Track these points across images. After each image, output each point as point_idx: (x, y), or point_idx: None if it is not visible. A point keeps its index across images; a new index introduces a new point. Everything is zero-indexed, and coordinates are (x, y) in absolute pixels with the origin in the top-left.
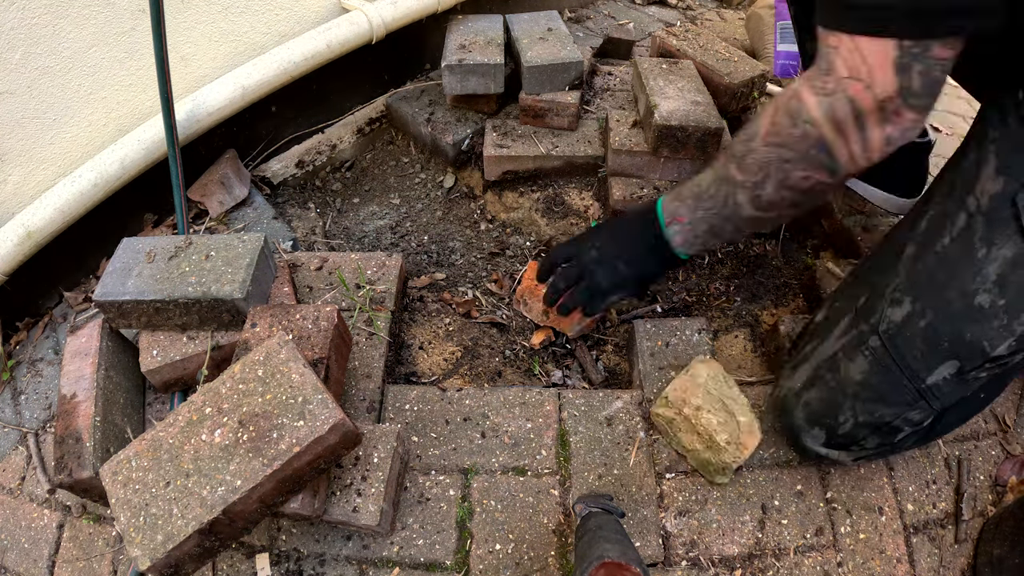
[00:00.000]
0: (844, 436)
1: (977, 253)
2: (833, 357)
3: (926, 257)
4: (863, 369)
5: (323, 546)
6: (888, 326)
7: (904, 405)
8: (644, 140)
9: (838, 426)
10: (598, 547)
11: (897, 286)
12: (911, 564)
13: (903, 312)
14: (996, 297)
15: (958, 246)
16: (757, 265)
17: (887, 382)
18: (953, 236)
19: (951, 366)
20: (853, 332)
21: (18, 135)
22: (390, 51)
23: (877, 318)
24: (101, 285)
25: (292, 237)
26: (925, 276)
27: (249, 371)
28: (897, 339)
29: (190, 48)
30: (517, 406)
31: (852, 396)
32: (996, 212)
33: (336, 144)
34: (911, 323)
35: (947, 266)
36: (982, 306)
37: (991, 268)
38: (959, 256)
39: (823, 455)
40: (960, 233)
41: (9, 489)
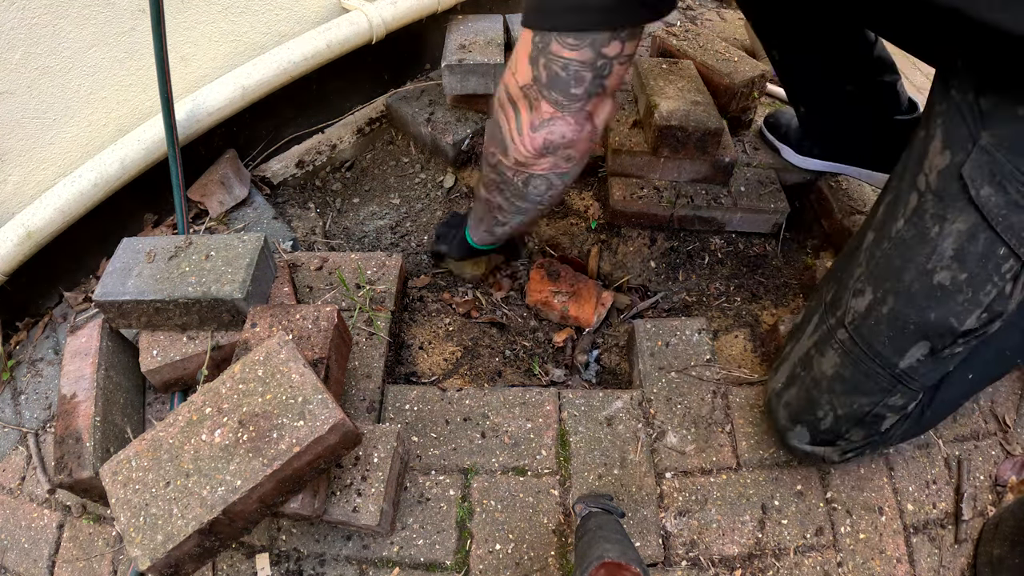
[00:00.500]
0: (827, 431)
1: (930, 231)
2: (807, 355)
3: (882, 243)
4: (834, 363)
5: (323, 546)
6: (853, 317)
7: (881, 392)
8: (644, 140)
9: (818, 422)
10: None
11: (858, 276)
12: (911, 564)
13: (865, 301)
14: (956, 272)
15: (911, 228)
16: (757, 265)
17: (859, 372)
18: (906, 218)
19: (922, 347)
20: (823, 328)
21: (18, 135)
22: (390, 51)
23: (842, 311)
24: (101, 285)
25: (292, 237)
26: (883, 262)
27: (249, 371)
28: (863, 328)
29: (190, 48)
30: (517, 406)
31: (827, 391)
32: (945, 187)
33: (336, 144)
34: (874, 311)
35: (902, 249)
36: (943, 284)
37: (946, 244)
38: (912, 237)
39: (809, 453)
40: (912, 214)
41: (9, 489)
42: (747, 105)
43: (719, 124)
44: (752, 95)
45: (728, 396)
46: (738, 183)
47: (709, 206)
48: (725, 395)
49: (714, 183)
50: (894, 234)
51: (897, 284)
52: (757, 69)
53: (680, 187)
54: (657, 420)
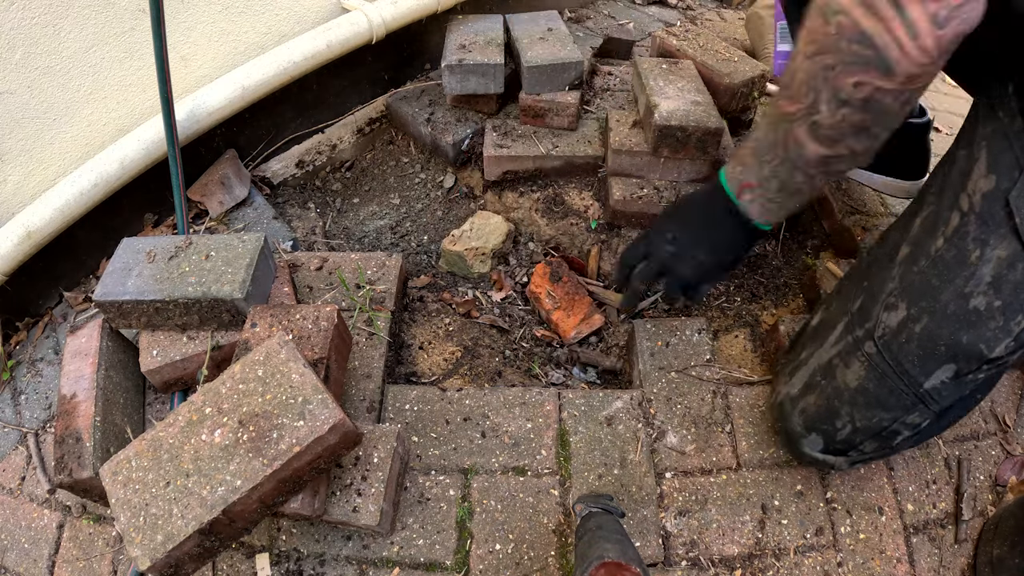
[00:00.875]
0: (842, 442)
1: (971, 255)
2: (829, 363)
3: (920, 260)
4: (859, 375)
5: (323, 546)
6: (884, 332)
7: (902, 410)
8: (644, 140)
9: (836, 432)
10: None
11: (892, 291)
12: (911, 564)
13: (898, 317)
14: (992, 299)
15: (952, 248)
16: (757, 265)
17: (884, 388)
18: (947, 237)
19: (948, 370)
20: (848, 338)
21: (18, 135)
22: (390, 51)
23: (872, 324)
24: (101, 285)
25: (292, 237)
26: (920, 280)
27: (249, 371)
28: (893, 345)
29: (190, 48)
30: (517, 406)
31: (849, 402)
32: (989, 211)
33: (336, 144)
34: (907, 328)
35: (941, 269)
36: (978, 309)
37: (985, 269)
38: (953, 258)
39: (820, 461)
40: (953, 234)
41: (9, 489)
42: (747, 105)
43: (719, 124)
44: (752, 95)
45: (728, 396)
46: None
47: None
48: (725, 395)
49: None
50: (933, 252)
51: (933, 304)
52: (757, 69)
53: (680, 187)
54: (657, 420)
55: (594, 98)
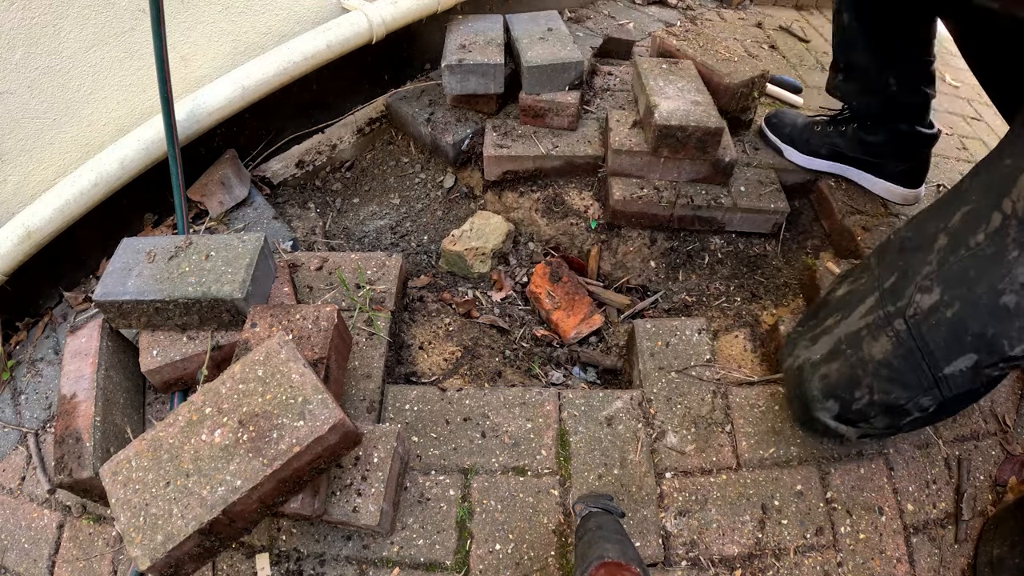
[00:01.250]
0: (856, 412)
1: (1009, 254)
2: (856, 334)
3: (959, 250)
4: (886, 349)
5: (323, 546)
6: (915, 311)
7: (919, 390)
8: (644, 140)
9: (853, 401)
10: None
11: (928, 274)
12: (911, 564)
13: (932, 300)
14: (1021, 299)
15: (992, 245)
16: (757, 265)
17: (907, 365)
18: (988, 234)
19: (969, 359)
20: (879, 312)
21: (18, 135)
22: (390, 51)
23: (905, 303)
24: (101, 285)
25: (292, 237)
26: (957, 269)
27: (249, 371)
28: (923, 325)
29: (190, 48)
30: (517, 406)
31: (872, 374)
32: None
33: (336, 144)
34: (938, 312)
35: (979, 263)
36: (1007, 306)
37: (1020, 270)
38: (991, 255)
39: (831, 428)
40: (995, 232)
41: (9, 489)
42: (747, 105)
43: (719, 124)
44: (752, 95)
45: (728, 396)
46: (738, 183)
47: (709, 206)
48: (725, 395)
49: (714, 183)
50: (973, 245)
51: (968, 293)
52: (757, 69)
53: (680, 187)
54: (657, 420)
55: (594, 98)
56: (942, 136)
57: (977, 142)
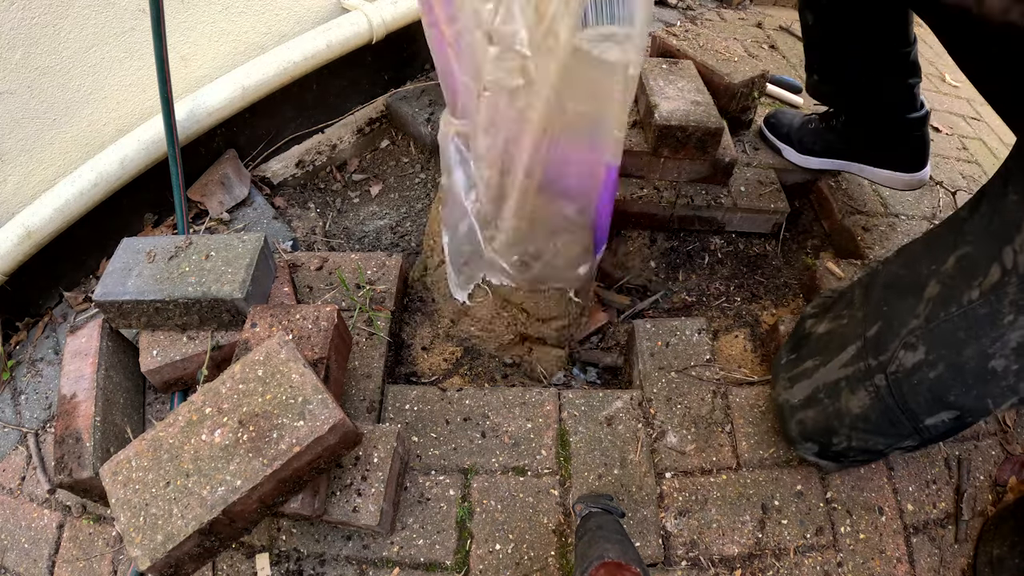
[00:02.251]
0: (836, 453)
1: (1004, 318)
2: (836, 384)
3: (950, 306)
4: (864, 404)
5: (323, 546)
6: (897, 368)
7: (898, 437)
8: (644, 140)
9: (831, 446)
10: (598, 547)
11: (914, 329)
12: (911, 564)
13: (915, 358)
14: (1011, 363)
15: (986, 305)
16: (757, 265)
17: (886, 419)
18: (983, 291)
19: (951, 414)
20: (860, 364)
21: (18, 135)
22: (390, 51)
23: (887, 357)
24: (101, 285)
25: (292, 237)
26: (946, 328)
27: (249, 371)
28: (904, 384)
29: (190, 48)
30: (517, 406)
31: (849, 426)
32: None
33: (336, 144)
34: (921, 371)
35: (971, 323)
36: (995, 369)
37: (1013, 335)
38: (985, 316)
39: (812, 462)
40: (991, 290)
41: (9, 489)
42: (747, 105)
43: (719, 124)
44: (752, 95)
45: (728, 396)
46: (738, 183)
47: (709, 206)
48: (725, 395)
49: (714, 183)
50: (965, 303)
51: (956, 357)
52: (757, 69)
53: (680, 187)
54: (657, 420)
55: None
56: (943, 136)
57: (977, 142)
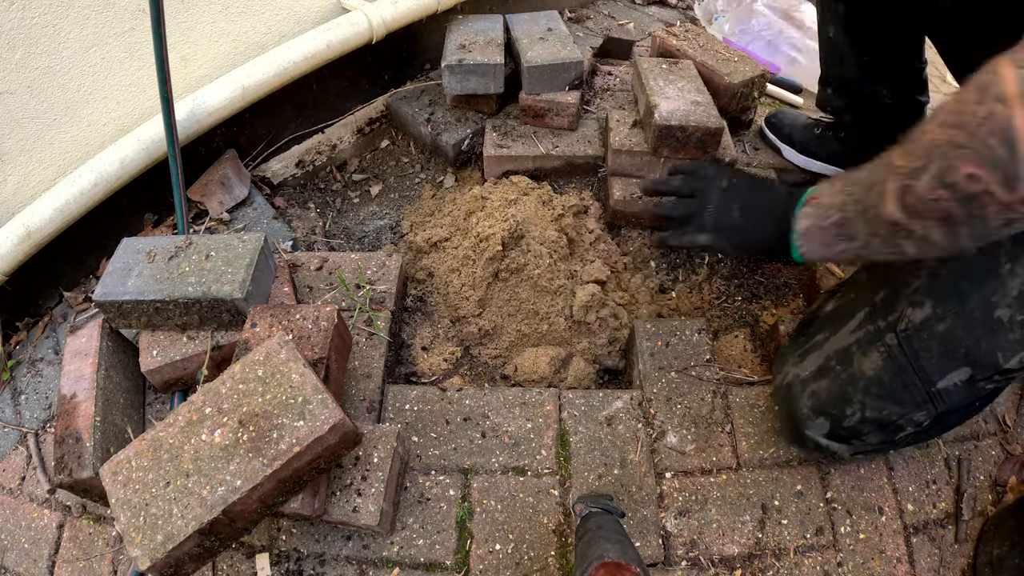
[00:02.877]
0: (848, 429)
1: (1002, 267)
2: (846, 350)
3: (950, 264)
4: (876, 365)
5: (323, 546)
6: (907, 326)
7: (912, 405)
8: (644, 140)
9: (844, 418)
10: (598, 547)
11: (918, 288)
12: (911, 564)
13: (923, 314)
14: (1015, 312)
15: (983, 257)
16: (757, 265)
17: (899, 381)
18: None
19: (963, 373)
20: (869, 327)
21: (18, 135)
22: (390, 51)
23: (896, 316)
24: (101, 285)
25: (292, 237)
26: (948, 282)
27: (249, 371)
28: (914, 340)
29: (190, 48)
30: (517, 406)
31: (863, 390)
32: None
33: (336, 144)
34: (930, 326)
35: (971, 276)
36: (1001, 319)
37: (1014, 284)
38: (984, 267)
39: (823, 446)
40: (986, 245)
41: (9, 489)
42: (747, 105)
43: (719, 124)
44: (752, 95)
45: (728, 396)
46: None
47: None
48: (725, 395)
49: None
50: (965, 258)
51: (960, 307)
52: (757, 69)
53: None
54: (657, 420)
55: (594, 98)
56: None
57: None
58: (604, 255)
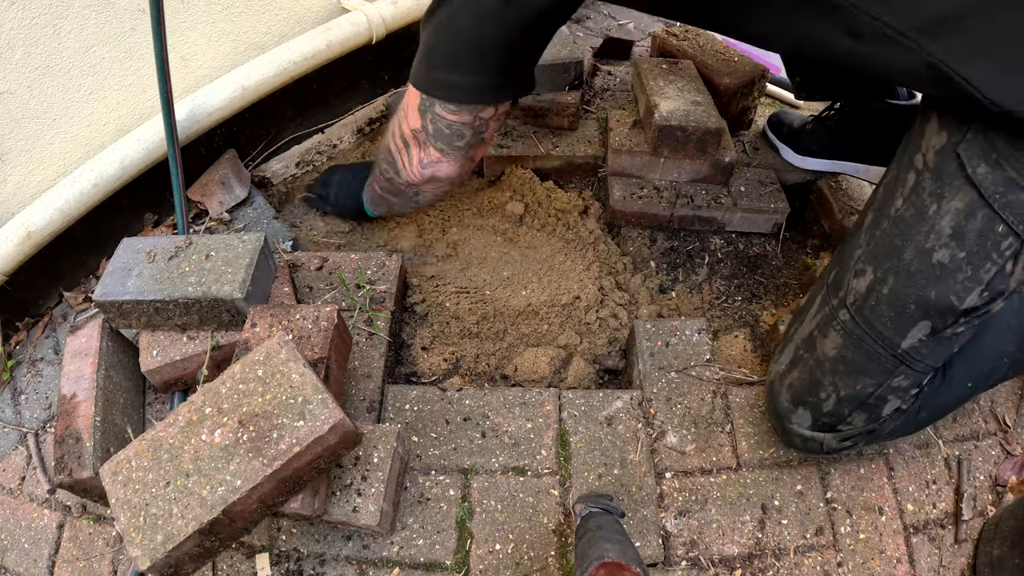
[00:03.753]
0: (829, 414)
1: (928, 210)
2: (810, 336)
3: (882, 223)
4: (836, 343)
5: (323, 546)
6: (855, 298)
7: (884, 373)
8: (644, 140)
9: (821, 403)
10: (598, 547)
11: (859, 257)
12: (911, 564)
13: (866, 282)
14: (955, 250)
15: (910, 206)
16: (757, 265)
17: (861, 353)
18: (904, 196)
19: (924, 327)
20: (825, 309)
21: (18, 135)
22: (390, 51)
23: (844, 291)
24: (101, 285)
25: (292, 237)
26: (882, 242)
27: (249, 371)
28: (864, 309)
29: (190, 48)
30: (517, 406)
31: (830, 371)
32: (942, 166)
33: (336, 144)
34: (875, 291)
35: (902, 228)
36: (942, 262)
37: (944, 222)
38: (912, 216)
39: (809, 438)
40: (910, 193)
41: (9, 489)
42: (747, 105)
43: (719, 124)
44: (752, 95)
45: (728, 396)
46: (738, 183)
47: (709, 206)
48: (725, 395)
49: (714, 183)
50: (893, 213)
51: (897, 263)
52: (757, 69)
53: (680, 187)
54: (657, 420)
55: (594, 98)
56: None
57: None
58: (604, 255)
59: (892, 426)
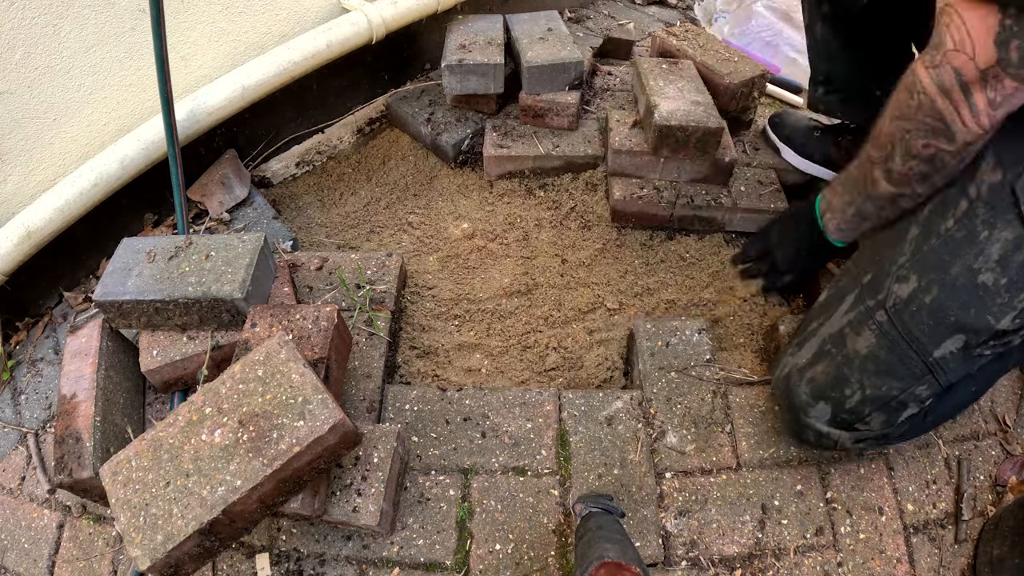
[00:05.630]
0: (850, 412)
1: (980, 235)
2: (840, 332)
3: (931, 238)
4: (870, 343)
5: (323, 546)
6: (895, 301)
7: (912, 379)
8: (644, 140)
9: (845, 400)
10: (598, 547)
11: (903, 264)
12: (911, 564)
13: (909, 288)
14: (999, 276)
15: (962, 228)
16: None
17: (895, 355)
18: (956, 218)
19: (958, 340)
20: (860, 308)
21: (18, 135)
22: (390, 51)
23: (884, 294)
24: (101, 285)
25: (292, 237)
26: (931, 255)
27: (249, 371)
28: (904, 313)
29: (190, 48)
30: (517, 406)
31: (859, 369)
32: (996, 199)
33: (336, 144)
34: (917, 298)
35: (952, 246)
36: (985, 284)
37: (993, 249)
38: (963, 237)
39: (824, 433)
40: (963, 216)
41: (9, 489)
42: (747, 105)
43: (719, 124)
44: (752, 95)
45: (728, 396)
46: (738, 183)
47: (709, 206)
48: (725, 395)
49: (714, 183)
50: (943, 231)
51: (943, 276)
52: (757, 69)
53: (680, 187)
54: (657, 420)
55: (594, 98)
56: None
57: None
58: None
59: (902, 431)
